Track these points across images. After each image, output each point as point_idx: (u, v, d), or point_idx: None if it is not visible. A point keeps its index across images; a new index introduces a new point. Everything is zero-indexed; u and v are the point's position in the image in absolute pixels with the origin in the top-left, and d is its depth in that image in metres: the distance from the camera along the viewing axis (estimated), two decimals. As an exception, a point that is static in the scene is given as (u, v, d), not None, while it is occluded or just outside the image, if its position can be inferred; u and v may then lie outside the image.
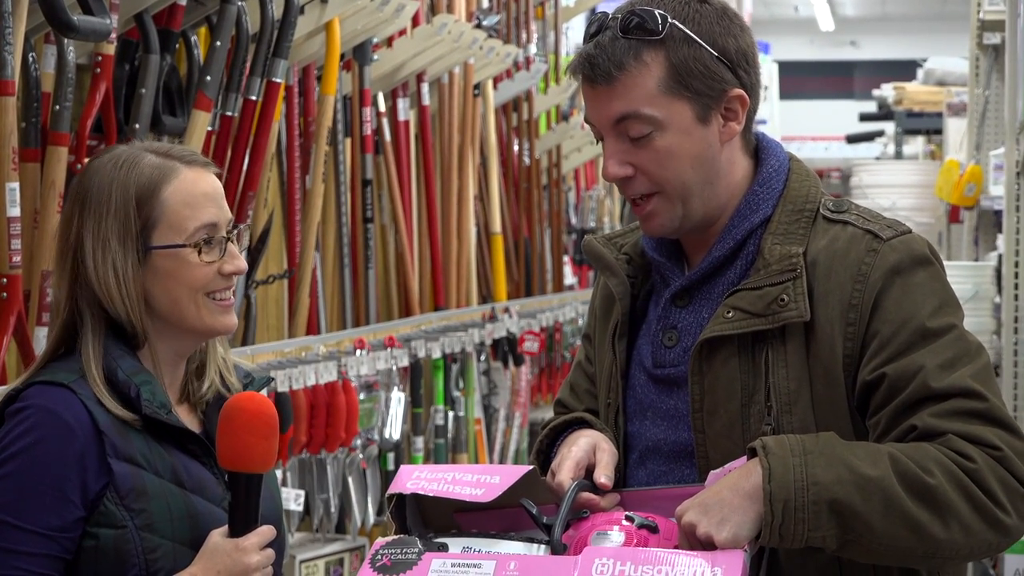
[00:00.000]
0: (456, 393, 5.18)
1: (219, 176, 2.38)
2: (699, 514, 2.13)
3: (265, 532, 2.26)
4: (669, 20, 2.25)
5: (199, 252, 2.30)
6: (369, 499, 4.34)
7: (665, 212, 2.29)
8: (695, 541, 2.12)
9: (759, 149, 2.37)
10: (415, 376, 4.80)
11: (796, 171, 2.36)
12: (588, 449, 2.31)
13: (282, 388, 3.83)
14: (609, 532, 2.18)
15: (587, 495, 2.25)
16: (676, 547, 2.15)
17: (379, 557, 2.18)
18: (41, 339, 3.08)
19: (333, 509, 4.18)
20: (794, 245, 2.28)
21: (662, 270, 2.38)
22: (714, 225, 2.33)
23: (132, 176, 2.29)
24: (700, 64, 2.26)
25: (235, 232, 2.35)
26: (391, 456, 4.48)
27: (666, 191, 2.28)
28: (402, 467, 2.34)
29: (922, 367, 2.19)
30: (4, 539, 2.18)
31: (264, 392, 2.44)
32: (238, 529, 2.25)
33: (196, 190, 2.31)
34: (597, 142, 2.35)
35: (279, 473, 3.88)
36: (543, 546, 2.20)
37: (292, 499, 3.91)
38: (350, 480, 4.24)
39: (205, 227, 2.31)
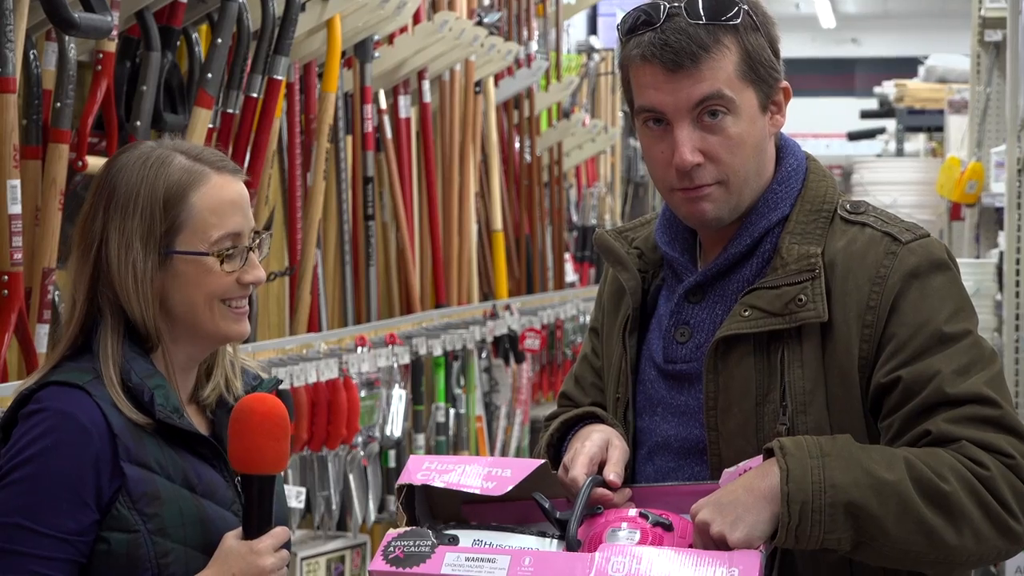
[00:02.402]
0: (457, 390, 5.19)
1: (247, 184, 2.36)
2: (713, 513, 2.13)
3: (279, 534, 2.26)
4: (743, 7, 2.25)
5: (221, 262, 2.28)
6: (370, 496, 4.35)
7: (723, 201, 2.28)
8: (709, 540, 2.13)
9: (778, 148, 2.37)
10: (416, 373, 4.80)
11: (814, 171, 2.37)
12: (602, 445, 2.31)
13: (283, 385, 3.83)
14: (624, 529, 2.18)
15: (601, 491, 2.24)
16: (691, 545, 2.16)
17: (391, 549, 2.18)
18: (42, 336, 3.08)
19: (334, 506, 4.18)
20: (812, 245, 2.28)
21: (675, 265, 2.38)
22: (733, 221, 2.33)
23: (161, 177, 2.26)
24: (764, 53, 2.28)
25: (257, 241, 2.33)
26: (392, 453, 4.48)
27: (730, 181, 2.27)
28: (412, 457, 2.34)
29: (938, 372, 2.19)
30: (20, 543, 2.17)
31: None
32: (252, 531, 2.24)
33: (224, 197, 2.29)
34: (642, 126, 2.30)
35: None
36: (555, 540, 2.20)
37: (293, 496, 3.91)
38: (351, 477, 4.25)
39: (229, 236, 2.28)
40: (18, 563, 2.17)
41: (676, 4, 2.25)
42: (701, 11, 2.24)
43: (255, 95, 3.84)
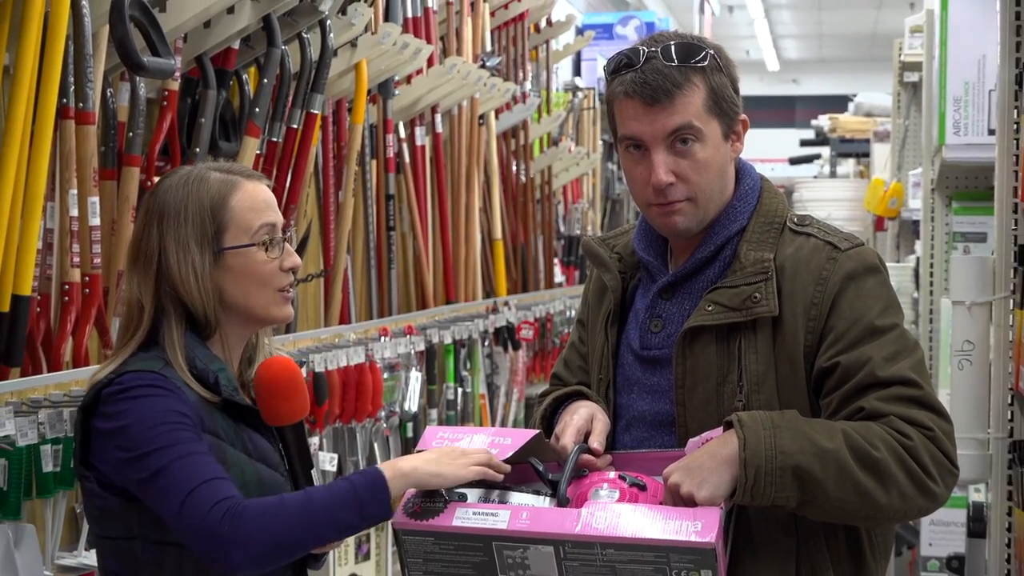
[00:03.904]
0: (464, 373, 5.17)
1: (271, 188, 2.35)
2: (683, 476, 2.13)
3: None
4: (709, 51, 2.24)
5: (265, 250, 2.26)
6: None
7: (691, 215, 2.27)
8: (679, 498, 2.13)
9: (737, 170, 2.36)
10: (430, 358, 4.79)
11: (767, 189, 2.36)
12: (587, 418, 2.30)
13: (319, 368, 3.83)
14: (605, 489, 2.17)
15: (586, 457, 2.25)
16: (662, 503, 2.16)
17: (410, 505, 2.17)
18: (117, 326, 3.07)
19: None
20: (765, 251, 2.27)
21: (650, 268, 2.37)
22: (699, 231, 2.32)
23: (203, 190, 2.25)
24: (727, 90, 2.27)
25: (288, 233, 2.32)
26: (410, 425, 4.47)
27: (697, 198, 2.26)
28: (428, 428, 2.33)
29: (870, 358, 2.18)
30: (185, 445, 2.10)
31: None
32: (294, 466, 2.26)
33: (258, 197, 2.28)
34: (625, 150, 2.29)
35: (316, 440, 3.87)
36: (548, 498, 2.19)
37: (327, 461, 3.90)
38: (376, 445, 4.24)
39: (267, 228, 2.27)
40: (200, 464, 2.10)
41: (653, 49, 2.24)
42: (674, 55, 2.23)
43: (295, 126, 3.83)
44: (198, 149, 3.41)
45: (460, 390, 5.11)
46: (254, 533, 2.05)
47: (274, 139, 3.74)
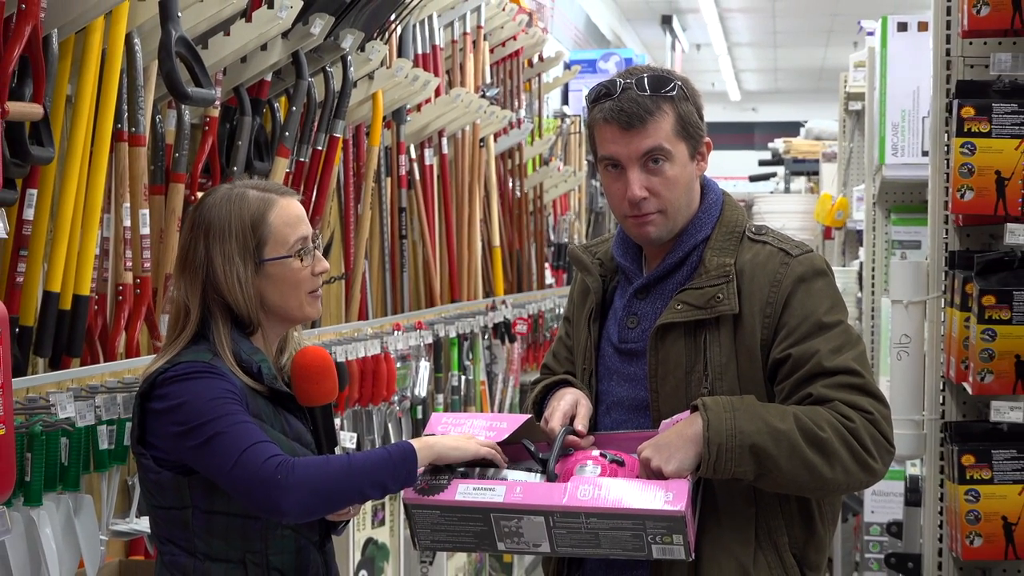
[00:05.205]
0: (467, 362, 5.16)
1: (301, 202, 2.34)
2: (653, 452, 2.13)
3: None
4: (677, 83, 2.23)
5: (300, 259, 2.25)
6: (404, 439, 4.32)
7: (662, 225, 2.27)
8: (651, 472, 2.12)
9: (702, 186, 2.35)
10: (437, 350, 4.78)
11: (728, 203, 2.36)
12: (572, 403, 2.30)
13: (340, 359, 3.82)
14: (588, 465, 2.17)
15: (572, 437, 2.24)
16: (637, 477, 2.15)
17: (419, 482, 2.17)
18: (164, 322, 3.06)
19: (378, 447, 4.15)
20: (727, 257, 2.27)
21: (627, 272, 2.36)
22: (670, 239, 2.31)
23: (244, 208, 2.23)
24: (693, 116, 2.26)
25: (317, 242, 2.31)
26: (419, 408, 4.47)
27: (667, 210, 2.26)
28: (433, 415, 2.33)
29: (817, 351, 2.18)
30: (237, 415, 2.10)
31: None
32: (320, 442, 2.25)
33: (292, 213, 2.26)
34: (603, 169, 2.30)
35: (338, 421, 3.86)
36: (539, 474, 2.19)
37: (347, 440, 3.89)
38: (390, 426, 4.23)
39: (301, 239, 2.25)
40: (244, 430, 2.10)
41: (629, 81, 2.24)
42: (647, 86, 2.23)
43: (320, 148, 3.83)
44: (236, 168, 3.41)
45: (463, 378, 5.10)
46: (303, 483, 2.06)
47: (302, 159, 3.74)
